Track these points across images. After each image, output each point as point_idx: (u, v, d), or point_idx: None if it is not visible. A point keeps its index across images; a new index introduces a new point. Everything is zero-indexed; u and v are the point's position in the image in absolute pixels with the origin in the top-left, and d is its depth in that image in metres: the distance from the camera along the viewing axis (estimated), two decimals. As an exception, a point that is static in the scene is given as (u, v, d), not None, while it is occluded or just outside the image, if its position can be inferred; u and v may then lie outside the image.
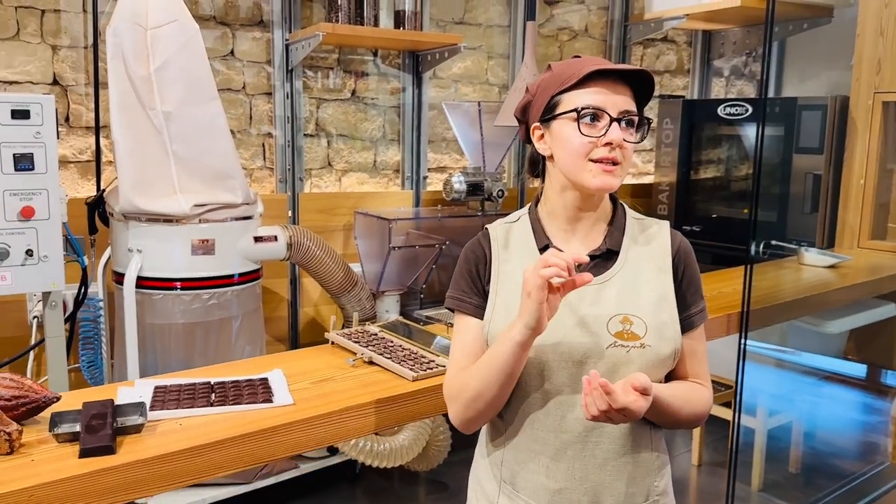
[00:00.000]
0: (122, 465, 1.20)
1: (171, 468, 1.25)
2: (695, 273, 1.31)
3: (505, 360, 1.16)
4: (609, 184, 1.21)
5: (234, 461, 1.31)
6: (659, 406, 1.18)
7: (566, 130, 1.22)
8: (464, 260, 1.33)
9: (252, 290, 2.73)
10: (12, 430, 1.21)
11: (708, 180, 4.08)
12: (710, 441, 3.45)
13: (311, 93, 3.32)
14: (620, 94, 1.21)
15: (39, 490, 1.13)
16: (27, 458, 1.21)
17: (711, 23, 4.14)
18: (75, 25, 2.83)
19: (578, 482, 1.23)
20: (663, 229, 1.32)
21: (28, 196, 2.21)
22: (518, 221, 1.33)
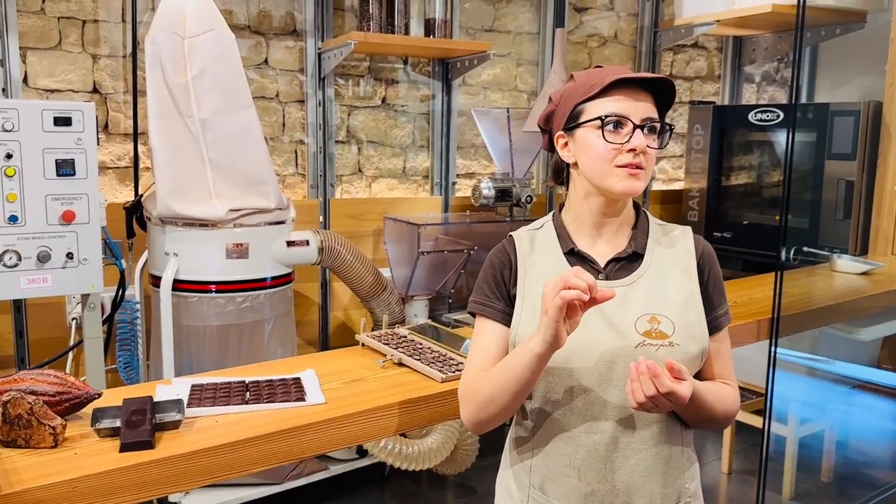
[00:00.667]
0: (160, 459, 1.24)
1: (207, 463, 1.28)
2: (718, 276, 1.33)
3: (522, 369, 1.18)
4: (634, 187, 1.23)
5: (269, 457, 1.35)
6: (697, 400, 1.19)
7: (591, 138, 1.25)
8: (489, 265, 1.35)
9: (284, 293, 2.78)
10: (57, 424, 1.26)
11: (739, 187, 4.06)
12: (741, 449, 3.42)
13: (342, 100, 3.37)
14: (642, 102, 1.24)
15: (82, 482, 1.17)
16: (70, 451, 1.25)
17: (742, 29, 4.12)
18: (114, 35, 2.91)
19: (610, 484, 1.24)
20: (686, 234, 1.34)
21: (69, 201, 2.28)
22: (542, 228, 1.36)
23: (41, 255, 2.23)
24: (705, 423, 1.28)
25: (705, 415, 1.24)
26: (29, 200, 2.20)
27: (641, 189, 1.24)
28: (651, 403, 1.12)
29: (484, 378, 1.26)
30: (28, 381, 1.35)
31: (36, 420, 1.24)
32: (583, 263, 1.29)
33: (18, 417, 1.24)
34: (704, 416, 1.25)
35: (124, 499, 1.21)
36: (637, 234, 1.31)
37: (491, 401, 1.24)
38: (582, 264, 1.29)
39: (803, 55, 4.26)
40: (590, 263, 1.29)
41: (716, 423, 1.28)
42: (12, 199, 2.19)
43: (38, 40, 2.78)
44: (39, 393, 1.31)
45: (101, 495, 1.19)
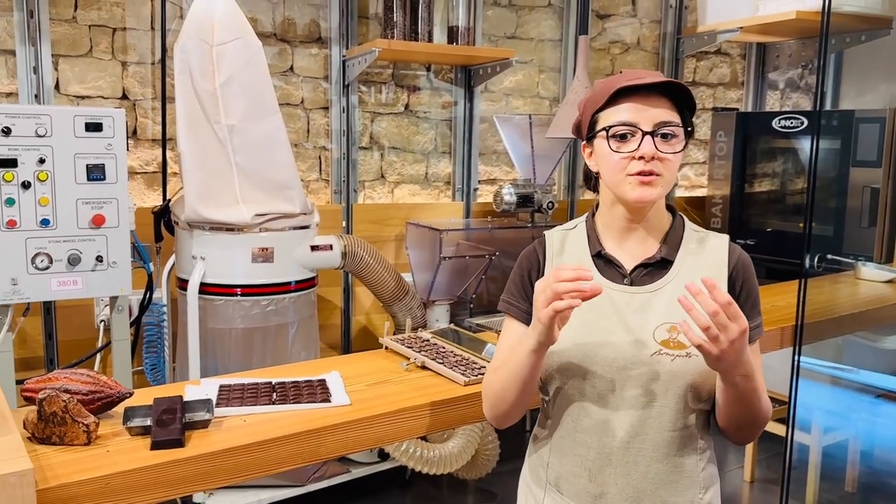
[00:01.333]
0: (190, 457, 1.27)
1: (236, 461, 1.31)
2: (753, 288, 1.30)
3: (521, 366, 1.21)
4: (647, 195, 1.22)
5: (295, 457, 1.37)
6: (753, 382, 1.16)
7: (604, 148, 1.26)
8: (518, 266, 1.38)
9: (308, 297, 2.81)
10: (90, 422, 1.29)
11: (762, 193, 4.04)
12: (763, 458, 3.40)
13: (365, 107, 3.41)
14: (656, 107, 1.22)
15: (114, 479, 1.20)
16: (103, 448, 1.29)
17: (766, 35, 4.11)
18: (143, 43, 2.97)
19: (619, 488, 1.24)
20: (722, 243, 1.32)
21: (99, 205, 2.32)
22: (575, 229, 1.37)
23: (71, 258, 2.28)
24: (749, 418, 1.24)
25: (753, 406, 1.21)
26: (60, 204, 2.25)
27: (656, 196, 1.23)
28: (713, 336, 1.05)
29: (495, 376, 1.30)
30: (62, 379, 1.38)
31: (70, 418, 1.27)
32: (609, 267, 1.29)
33: (53, 415, 1.27)
34: (749, 406, 1.20)
35: (155, 495, 1.24)
36: (668, 241, 1.30)
37: (502, 397, 1.29)
38: (608, 268, 1.29)
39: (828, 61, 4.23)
40: (616, 267, 1.29)
41: (757, 420, 1.24)
42: (44, 202, 2.24)
43: (69, 48, 2.84)
44: (73, 391, 1.35)
45: (132, 492, 1.21)
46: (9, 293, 2.21)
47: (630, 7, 4.02)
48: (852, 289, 2.91)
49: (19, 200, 2.19)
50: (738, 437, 1.30)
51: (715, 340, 1.07)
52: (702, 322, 1.05)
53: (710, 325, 1.05)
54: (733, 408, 1.22)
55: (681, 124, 1.24)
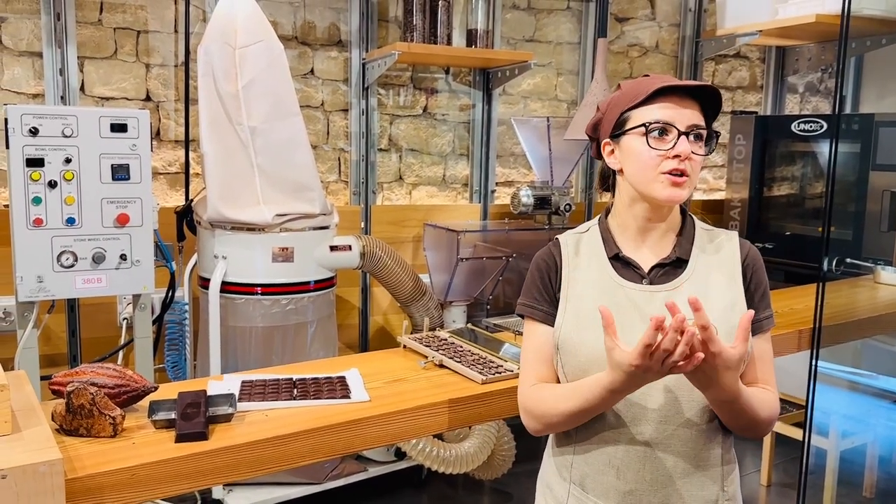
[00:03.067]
0: (214, 450, 1.30)
1: (258, 455, 1.34)
2: (763, 280, 1.33)
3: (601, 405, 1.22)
4: (678, 195, 1.25)
5: (316, 451, 1.40)
6: (741, 402, 1.20)
7: (636, 145, 1.27)
8: (535, 268, 1.39)
9: (327, 296, 2.84)
10: (116, 414, 1.33)
11: (781, 197, 4.02)
12: (780, 462, 3.39)
13: (384, 109, 3.44)
14: (689, 109, 1.26)
15: (141, 470, 1.23)
16: (129, 441, 1.32)
17: (785, 39, 4.10)
18: (167, 45, 3.02)
19: (648, 484, 1.26)
20: (732, 239, 1.35)
21: (123, 204, 2.37)
22: (588, 232, 1.39)
23: (96, 257, 2.32)
24: (747, 427, 1.27)
25: (747, 418, 1.24)
26: (86, 203, 2.29)
27: (685, 197, 1.26)
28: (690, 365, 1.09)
29: (551, 398, 1.28)
30: (89, 373, 1.42)
31: (97, 410, 1.31)
32: (627, 269, 1.31)
33: (81, 407, 1.30)
34: (746, 419, 1.24)
35: (179, 486, 1.27)
36: (682, 240, 1.32)
37: (566, 421, 1.28)
38: (626, 269, 1.31)
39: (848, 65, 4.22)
40: (634, 269, 1.31)
41: (759, 428, 1.28)
42: (70, 201, 2.28)
43: (94, 50, 2.90)
44: (100, 385, 1.38)
45: (157, 482, 1.25)
46: (35, 290, 2.26)
47: (649, 10, 4.02)
48: (871, 293, 2.90)
49: (46, 199, 2.24)
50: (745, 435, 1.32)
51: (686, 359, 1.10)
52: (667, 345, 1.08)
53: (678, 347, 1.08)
54: (729, 418, 1.25)
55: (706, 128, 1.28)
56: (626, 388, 1.17)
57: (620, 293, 1.29)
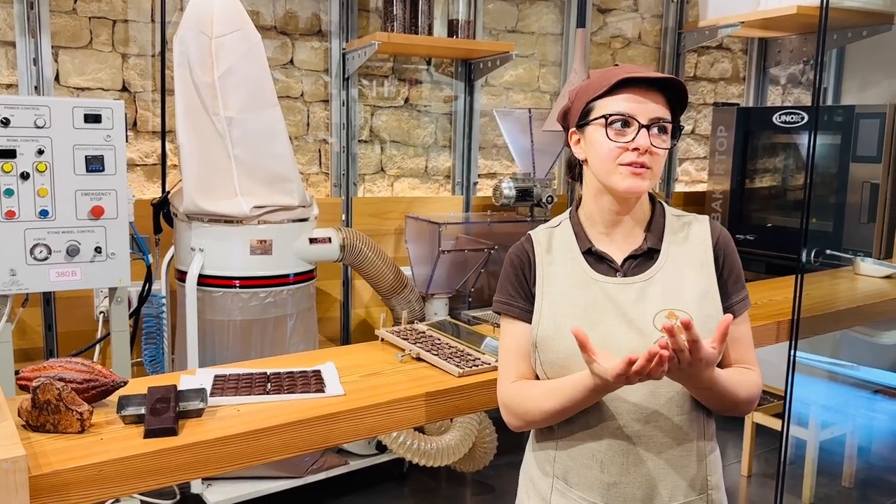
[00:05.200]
0: (183, 445, 1.28)
1: (229, 450, 1.32)
2: (735, 263, 1.33)
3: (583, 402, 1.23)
4: (638, 186, 1.24)
5: (288, 446, 1.38)
6: (719, 387, 1.20)
7: (597, 136, 1.26)
8: (509, 264, 1.37)
9: (306, 289, 2.82)
10: (84, 410, 1.30)
11: (763, 189, 4.03)
12: (761, 452, 3.41)
13: (365, 100, 3.41)
14: (653, 102, 1.24)
15: (108, 466, 1.21)
16: (97, 436, 1.29)
17: (767, 30, 4.10)
18: (143, 35, 2.97)
19: (632, 476, 1.26)
20: (703, 224, 1.34)
21: (98, 196, 2.33)
22: (559, 226, 1.38)
23: (70, 249, 2.29)
24: (729, 408, 1.27)
25: (728, 401, 1.24)
26: (59, 195, 2.26)
27: (646, 188, 1.25)
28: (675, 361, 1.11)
29: (533, 397, 1.28)
30: (57, 368, 1.39)
31: (64, 406, 1.28)
32: (600, 263, 1.30)
33: (47, 403, 1.28)
34: (727, 402, 1.25)
35: (148, 483, 1.25)
36: (653, 230, 1.32)
37: (548, 419, 1.28)
38: (599, 263, 1.30)
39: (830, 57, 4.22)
40: (607, 262, 1.30)
41: (739, 408, 1.28)
42: (43, 193, 2.25)
43: (69, 39, 2.85)
44: (68, 380, 1.36)
45: (125, 479, 1.22)
46: (7, 284, 2.23)
47: (631, 1, 4.01)
48: (851, 284, 2.91)
49: (18, 191, 2.20)
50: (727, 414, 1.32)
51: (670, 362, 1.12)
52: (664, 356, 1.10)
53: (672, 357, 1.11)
54: (709, 402, 1.27)
55: (671, 121, 1.26)
56: (607, 390, 1.19)
57: (595, 287, 1.28)
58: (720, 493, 1.33)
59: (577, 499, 1.29)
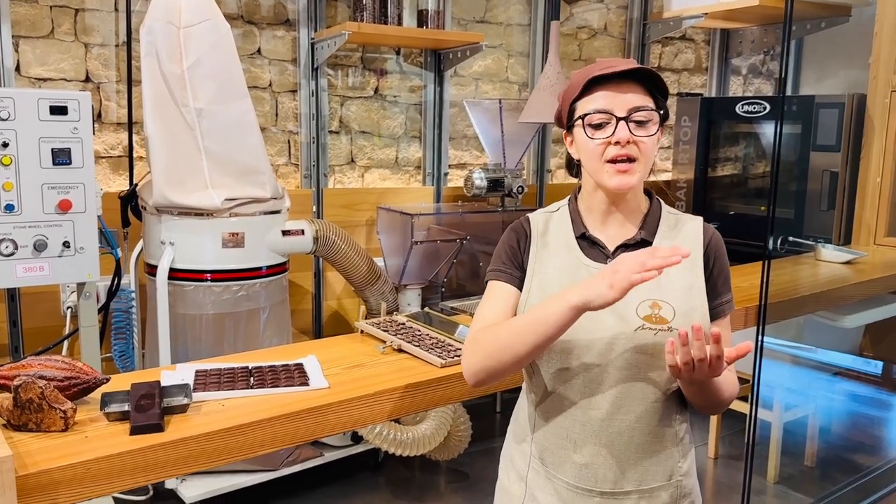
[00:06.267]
0: (170, 441, 1.27)
1: (216, 445, 1.31)
2: (724, 266, 1.36)
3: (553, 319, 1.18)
4: (626, 182, 1.26)
5: (275, 440, 1.38)
6: (710, 385, 1.23)
7: (582, 136, 1.29)
8: (505, 238, 1.40)
9: (279, 282, 2.80)
10: (67, 408, 1.29)
11: (725, 177, 4.12)
12: (726, 434, 3.50)
13: (334, 90, 3.39)
14: (629, 93, 1.26)
15: (96, 464, 1.20)
16: (81, 434, 1.28)
17: (730, 21, 4.18)
18: (107, 24, 2.91)
19: (604, 458, 1.29)
20: (697, 224, 1.37)
21: (65, 189, 2.28)
22: (558, 211, 1.40)
23: (37, 244, 2.24)
24: (711, 405, 1.31)
25: (712, 398, 1.28)
26: (25, 189, 2.20)
27: (634, 182, 1.26)
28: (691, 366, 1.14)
29: (502, 326, 1.26)
30: (36, 366, 1.37)
31: (47, 404, 1.26)
32: (593, 248, 1.33)
33: (30, 402, 1.26)
34: (711, 399, 1.28)
35: (137, 480, 1.24)
36: (647, 223, 1.34)
37: (507, 347, 1.23)
38: (592, 249, 1.33)
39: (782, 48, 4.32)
40: (599, 248, 1.33)
41: (720, 405, 1.32)
42: (8, 188, 2.19)
43: (30, 29, 2.78)
44: (48, 378, 1.34)
45: (113, 476, 1.21)
46: (-26, 280, 2.17)
47: (597, -8, 4.05)
48: (812, 270, 3.00)
49: (-17, 185, 2.15)
50: (704, 412, 1.37)
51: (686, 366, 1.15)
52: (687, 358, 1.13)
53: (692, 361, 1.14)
54: (694, 397, 1.30)
55: (654, 108, 1.27)
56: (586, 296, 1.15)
57: (585, 272, 1.31)
58: (691, 480, 1.37)
59: (551, 477, 1.33)
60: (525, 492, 1.38)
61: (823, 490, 3.11)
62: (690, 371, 1.14)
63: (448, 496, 2.98)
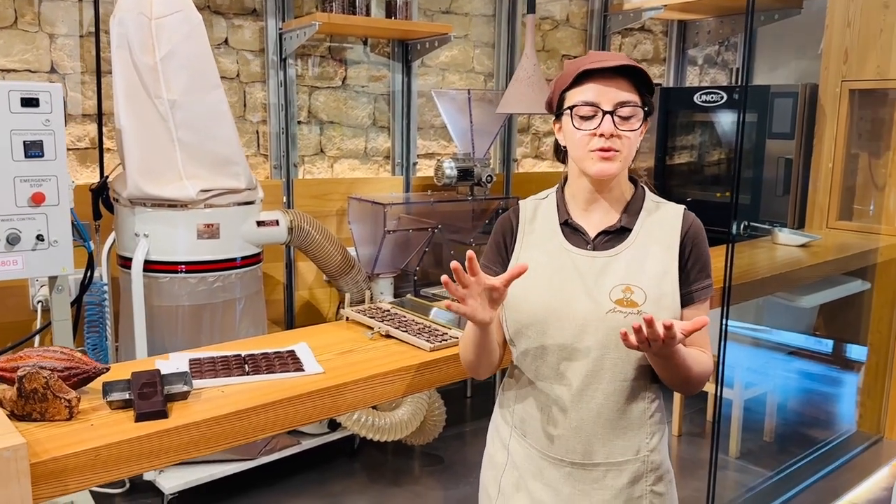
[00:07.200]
0: (175, 427, 1.30)
1: (219, 430, 1.34)
2: (703, 253, 1.41)
3: (472, 334, 1.37)
4: (608, 169, 1.33)
5: (275, 423, 1.41)
6: (676, 359, 1.29)
7: (569, 125, 1.36)
8: (494, 232, 1.48)
9: (254, 272, 2.82)
10: (72, 397, 1.30)
11: (683, 165, 4.24)
12: (689, 413, 3.62)
13: (302, 81, 3.40)
14: (616, 87, 1.32)
15: (104, 450, 1.22)
16: (86, 423, 1.30)
17: (687, 13, 4.29)
18: (71, 14, 2.87)
19: (573, 431, 1.37)
20: (678, 212, 1.43)
21: (38, 182, 2.26)
22: (546, 199, 1.48)
23: (11, 238, 2.22)
24: (681, 382, 1.37)
25: (681, 374, 1.34)
26: (-3, 182, 2.18)
27: (616, 170, 1.33)
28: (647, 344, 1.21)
29: (461, 338, 1.46)
30: (35, 357, 1.38)
31: (52, 394, 1.28)
32: (575, 234, 1.40)
33: (34, 391, 1.27)
34: (681, 375, 1.34)
35: (143, 465, 1.27)
36: (629, 210, 1.41)
37: (464, 358, 1.45)
38: (574, 235, 1.40)
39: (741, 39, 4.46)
40: (581, 234, 1.39)
41: (690, 384, 1.37)
42: (-21, 181, 2.16)
43: (-7, 19, 2.73)
44: (49, 369, 1.34)
45: (122, 462, 1.23)
46: (-53, 274, 2.14)
47: (559, -16, 4.12)
48: (770, 253, 3.12)
49: (-45, 179, 2.12)
50: (679, 391, 1.44)
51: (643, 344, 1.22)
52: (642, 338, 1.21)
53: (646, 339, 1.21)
54: (662, 372, 1.36)
55: (639, 104, 1.34)
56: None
57: (566, 257, 1.38)
58: (659, 456, 1.43)
59: (527, 446, 1.44)
60: (508, 458, 1.48)
61: (782, 463, 3.25)
62: (648, 347, 1.22)
63: (423, 479, 3.04)
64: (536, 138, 4.22)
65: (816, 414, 3.82)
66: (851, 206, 3.57)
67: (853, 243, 3.32)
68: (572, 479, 1.39)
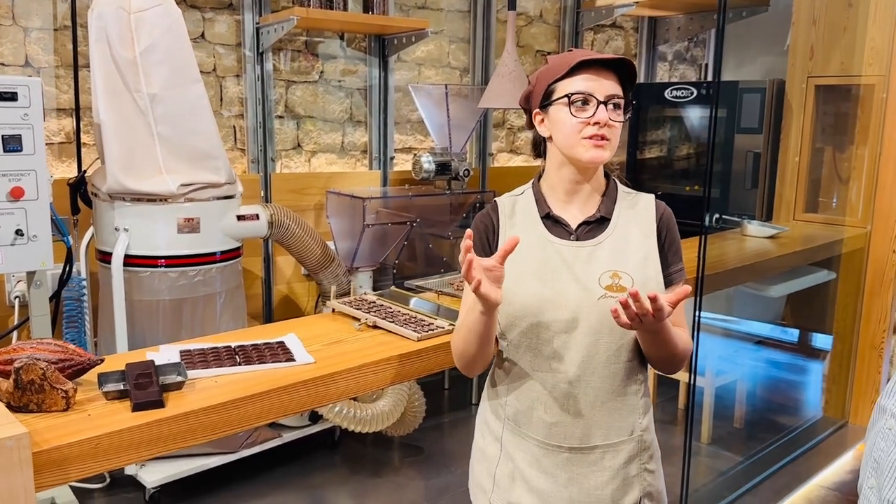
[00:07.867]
0: (171, 416, 1.32)
1: (215, 419, 1.37)
2: (675, 238, 1.49)
3: (476, 324, 1.36)
4: (600, 156, 1.39)
5: (268, 412, 1.44)
6: (664, 334, 1.36)
7: (561, 114, 1.40)
8: (474, 229, 1.50)
9: (234, 267, 2.83)
10: (69, 388, 1.31)
11: (653, 159, 4.33)
12: (660, 401, 3.71)
13: (279, 75, 3.40)
14: (607, 80, 1.39)
15: (103, 440, 1.24)
16: (83, 413, 1.31)
17: (657, 10, 4.37)
18: (45, 8, 2.85)
19: (572, 417, 1.42)
20: (650, 201, 1.50)
21: (17, 177, 2.25)
22: (522, 195, 1.51)
23: (-11, 233, 2.21)
24: (666, 359, 1.43)
25: (668, 351, 1.40)
26: (-25, 177, 2.17)
27: (607, 157, 1.40)
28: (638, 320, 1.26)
29: (460, 328, 1.45)
30: (28, 350, 1.39)
31: (49, 385, 1.29)
32: (557, 226, 1.44)
33: (31, 383, 1.28)
34: (667, 352, 1.40)
35: (141, 454, 1.29)
36: (606, 200, 1.47)
37: (463, 353, 1.45)
38: (556, 227, 1.44)
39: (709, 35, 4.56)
40: (563, 226, 1.44)
41: (675, 360, 1.44)
42: (-42, 175, 2.15)
43: (-34, 12, 2.70)
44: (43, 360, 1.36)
45: (121, 451, 1.25)
46: (-74, 270, 2.13)
47: (533, -20, 4.17)
48: (740, 244, 3.21)
49: (-66, 173, 2.10)
50: (663, 370, 1.50)
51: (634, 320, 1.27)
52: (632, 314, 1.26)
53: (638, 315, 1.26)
54: (650, 349, 1.42)
55: (623, 98, 1.41)
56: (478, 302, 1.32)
57: (551, 248, 1.43)
58: (650, 435, 1.51)
59: (523, 436, 1.46)
60: (501, 451, 1.50)
61: (751, 449, 3.35)
62: (640, 324, 1.27)
63: (403, 470, 3.08)
64: (511, 133, 4.28)
65: (784, 401, 3.94)
66: (817, 198, 3.68)
67: (819, 235, 3.43)
68: (570, 464, 1.44)
